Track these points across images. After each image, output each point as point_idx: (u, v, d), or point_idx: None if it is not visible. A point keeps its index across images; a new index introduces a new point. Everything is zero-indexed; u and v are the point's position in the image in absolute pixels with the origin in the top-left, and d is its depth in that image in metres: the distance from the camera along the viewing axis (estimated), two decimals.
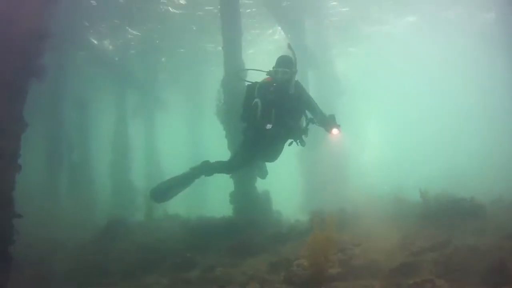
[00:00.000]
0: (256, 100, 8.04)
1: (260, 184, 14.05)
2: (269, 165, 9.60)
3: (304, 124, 8.37)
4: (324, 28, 23.12)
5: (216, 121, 14.54)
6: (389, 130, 46.51)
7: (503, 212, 10.30)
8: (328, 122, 8.21)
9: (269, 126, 7.85)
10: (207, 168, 8.85)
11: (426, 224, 9.25)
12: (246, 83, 8.72)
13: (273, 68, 8.19)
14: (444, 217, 9.33)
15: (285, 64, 8.07)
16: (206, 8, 23.78)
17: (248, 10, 23.60)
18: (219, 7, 15.80)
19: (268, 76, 8.25)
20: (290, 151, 8.94)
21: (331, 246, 6.64)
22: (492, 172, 22.85)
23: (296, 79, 8.23)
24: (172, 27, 25.85)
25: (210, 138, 25.36)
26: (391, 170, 29.69)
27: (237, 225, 11.74)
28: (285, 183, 25.99)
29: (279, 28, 23.92)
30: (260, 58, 22.35)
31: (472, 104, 42.70)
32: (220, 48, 14.93)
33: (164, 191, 8.92)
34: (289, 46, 8.26)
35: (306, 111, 8.39)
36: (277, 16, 20.93)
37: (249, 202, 13.38)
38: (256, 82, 8.37)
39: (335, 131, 8.11)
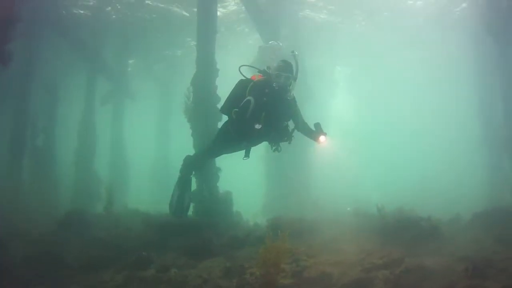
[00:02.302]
0: (249, 98, 7.84)
1: (223, 185, 14.17)
2: (232, 164, 9.54)
3: (290, 131, 8.27)
4: (299, 35, 23.28)
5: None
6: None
7: (458, 233, 10.60)
8: (313, 130, 8.26)
9: (258, 126, 7.67)
10: (191, 161, 8.98)
11: (383, 241, 9.45)
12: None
13: (267, 68, 8.12)
14: (401, 235, 9.56)
15: (289, 69, 7.98)
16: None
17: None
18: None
19: (259, 74, 8.17)
20: (256, 152, 8.93)
21: (283, 257, 6.73)
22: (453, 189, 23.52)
23: None
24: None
25: (178, 133, 25.18)
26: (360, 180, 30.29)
27: (196, 225, 11.79)
28: (249, 183, 26.13)
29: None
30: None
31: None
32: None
33: (179, 205, 9.06)
34: (294, 53, 8.17)
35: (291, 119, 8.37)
36: (256, 20, 20.99)
37: (209, 203, 13.43)
38: (250, 79, 8.23)
39: (322, 138, 8.13)
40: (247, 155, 8.47)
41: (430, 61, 34.14)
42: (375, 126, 53.76)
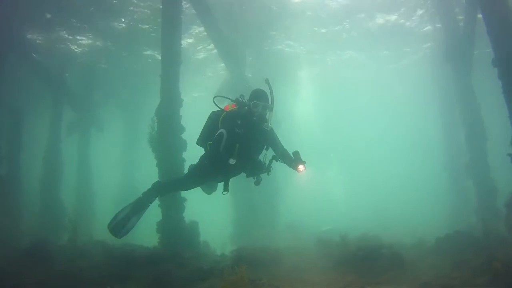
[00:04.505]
0: (222, 130, 7.50)
1: (189, 215, 14.11)
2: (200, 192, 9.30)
3: (267, 162, 7.89)
4: (264, 63, 23.54)
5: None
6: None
7: (420, 259, 10.75)
8: (293, 159, 7.94)
9: (232, 161, 7.31)
10: (160, 188, 8.48)
11: (345, 269, 9.54)
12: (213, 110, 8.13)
13: (240, 97, 7.71)
14: (363, 263, 9.68)
15: (265, 98, 7.64)
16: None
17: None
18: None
19: (233, 103, 7.81)
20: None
21: None
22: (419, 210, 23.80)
23: None
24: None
25: (144, 162, 24.99)
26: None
27: (162, 257, 11.71)
28: (217, 210, 26.03)
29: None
30: None
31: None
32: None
33: (121, 223, 8.26)
34: (267, 82, 7.84)
35: (269, 148, 8.02)
36: (221, 50, 21.23)
37: (175, 234, 13.36)
38: (222, 110, 7.89)
39: (301, 167, 7.82)
40: (226, 189, 7.99)
41: (394, 87, 34.93)
42: (343, 149, 54.25)
